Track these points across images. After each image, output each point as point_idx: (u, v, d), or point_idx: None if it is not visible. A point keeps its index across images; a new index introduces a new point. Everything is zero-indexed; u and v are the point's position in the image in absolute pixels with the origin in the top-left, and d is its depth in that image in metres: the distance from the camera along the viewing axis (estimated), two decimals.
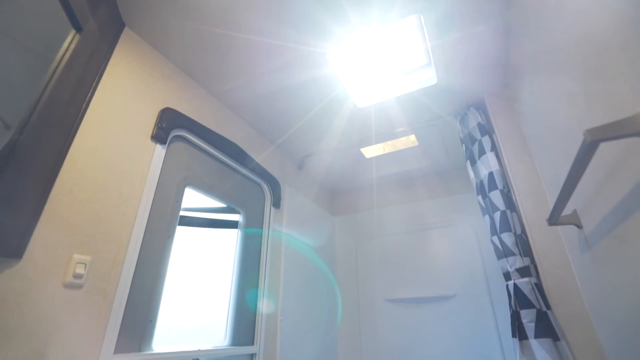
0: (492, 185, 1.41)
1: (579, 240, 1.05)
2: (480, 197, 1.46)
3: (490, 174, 1.43)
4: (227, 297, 1.57)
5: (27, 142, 0.81)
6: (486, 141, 1.52)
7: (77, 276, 0.96)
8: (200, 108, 1.57)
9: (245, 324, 1.59)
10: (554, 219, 1.00)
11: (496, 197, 1.38)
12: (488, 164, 1.47)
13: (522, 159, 1.43)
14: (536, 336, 1.13)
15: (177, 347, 1.26)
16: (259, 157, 1.91)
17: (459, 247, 2.17)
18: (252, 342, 1.60)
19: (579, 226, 1.01)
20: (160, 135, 1.31)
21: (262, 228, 1.85)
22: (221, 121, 1.70)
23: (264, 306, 1.68)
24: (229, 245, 1.66)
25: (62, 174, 0.97)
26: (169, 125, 1.36)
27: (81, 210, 1.01)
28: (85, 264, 0.98)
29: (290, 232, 2.04)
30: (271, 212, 1.90)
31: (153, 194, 1.25)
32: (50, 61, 0.97)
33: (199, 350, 1.33)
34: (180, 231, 1.39)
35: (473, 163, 1.58)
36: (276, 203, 1.95)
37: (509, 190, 1.42)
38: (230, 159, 1.70)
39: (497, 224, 1.34)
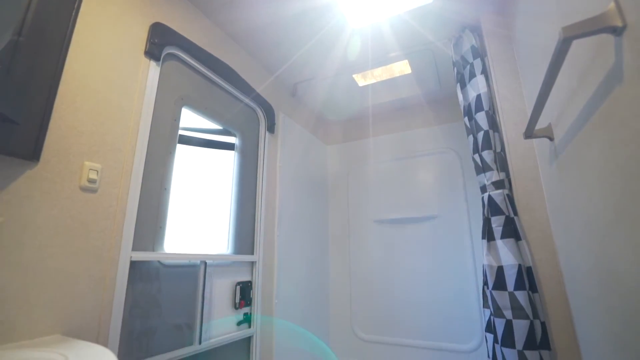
0: (479, 106, 1.48)
1: (550, 152, 1.16)
2: (466, 119, 1.54)
3: (478, 96, 1.49)
4: (228, 212, 1.70)
5: (27, 44, 0.82)
6: (477, 64, 1.55)
7: (91, 181, 1.04)
8: (191, 27, 1.53)
9: (245, 235, 1.76)
10: (530, 131, 1.10)
11: (481, 118, 1.46)
12: (477, 87, 1.51)
13: (510, 81, 1.47)
14: (501, 237, 1.30)
15: (186, 250, 1.41)
16: (253, 82, 1.90)
17: (444, 173, 2.31)
18: (252, 252, 1.78)
19: (551, 138, 1.11)
20: (153, 51, 1.30)
21: (257, 150, 1.92)
22: (214, 42, 1.66)
23: (262, 221, 1.84)
24: (228, 165, 1.75)
25: (63, 83, 0.99)
26: (161, 41, 1.34)
27: (86, 120, 1.05)
28: (97, 171, 1.06)
29: (285, 161, 2.13)
30: (266, 136, 1.96)
31: (152, 111, 1.29)
32: None
33: (206, 254, 1.49)
34: (181, 150, 1.45)
35: (463, 86, 1.62)
36: (270, 128, 2.00)
37: (494, 112, 1.49)
38: (225, 81, 1.70)
39: (480, 143, 1.44)
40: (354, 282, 2.47)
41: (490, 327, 1.32)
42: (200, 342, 1.38)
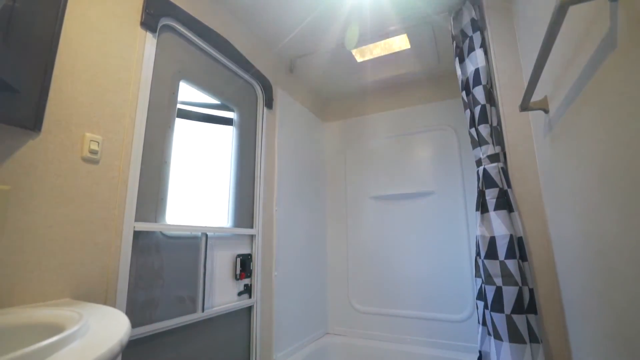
0: (477, 80, 1.48)
1: (544, 125, 1.18)
2: (464, 93, 1.55)
3: (476, 70, 1.49)
4: (227, 187, 1.73)
5: (22, 10, 0.81)
6: (477, 37, 1.54)
7: (93, 152, 1.05)
8: None
9: (244, 210, 1.79)
10: (525, 104, 1.11)
11: (479, 92, 1.46)
12: (475, 61, 1.51)
13: (508, 55, 1.47)
14: (495, 209, 1.34)
15: (188, 222, 1.45)
16: (251, 57, 1.88)
17: (441, 149, 2.34)
18: (251, 226, 1.82)
19: (546, 111, 1.13)
20: (149, 22, 1.28)
21: (255, 126, 1.93)
22: (210, 15, 1.63)
23: (261, 195, 1.87)
24: (226, 140, 1.76)
25: (60, 54, 0.98)
26: (156, 12, 1.32)
27: (85, 91, 1.06)
28: (98, 142, 1.07)
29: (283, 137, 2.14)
30: (264, 112, 1.96)
31: (150, 84, 1.29)
32: None
33: (207, 227, 1.52)
34: (180, 124, 1.46)
35: (462, 61, 1.62)
36: (268, 103, 2.00)
37: (491, 86, 1.50)
38: (222, 55, 1.69)
39: (476, 117, 1.45)
40: (351, 257, 2.54)
41: (481, 295, 1.38)
42: (203, 310, 1.44)
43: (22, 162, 0.89)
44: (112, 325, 0.64)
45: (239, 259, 1.68)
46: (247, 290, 1.73)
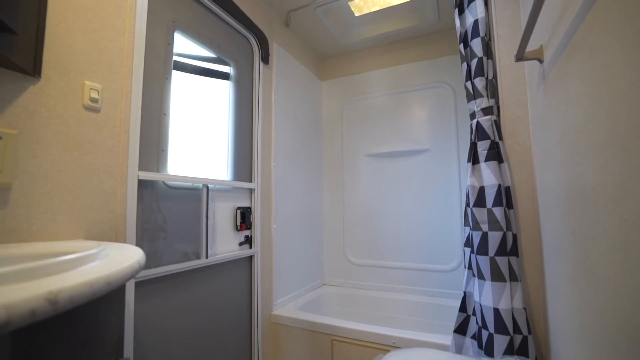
0: (475, 33, 1.46)
1: (538, 75, 1.19)
2: (461, 46, 1.54)
3: (475, 22, 1.47)
4: (226, 141, 1.75)
5: None
6: None
7: (94, 100, 1.07)
8: None
9: (243, 164, 1.83)
10: (520, 53, 1.12)
11: (476, 44, 1.46)
12: (475, 12, 1.48)
13: (509, 5, 1.45)
14: (485, 160, 1.39)
15: (189, 173, 1.49)
16: (246, 8, 1.82)
17: (437, 107, 2.35)
18: (250, 180, 1.87)
19: (541, 60, 1.14)
20: None
21: (252, 81, 1.92)
22: None
23: (259, 150, 1.90)
24: (224, 94, 1.76)
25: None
26: None
27: (80, 38, 1.05)
28: (98, 91, 1.08)
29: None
30: (260, 67, 1.94)
31: (145, 33, 1.26)
32: None
33: (208, 179, 1.57)
34: (178, 77, 1.45)
35: (461, 12, 1.58)
36: (265, 58, 1.97)
37: (489, 38, 1.49)
38: (216, 5, 1.64)
39: (473, 70, 1.46)
40: (346, 212, 2.64)
41: (468, 242, 1.48)
42: (207, 257, 1.53)
43: (26, 108, 0.91)
44: (128, 252, 0.71)
45: (239, 211, 1.75)
46: (248, 241, 1.82)
